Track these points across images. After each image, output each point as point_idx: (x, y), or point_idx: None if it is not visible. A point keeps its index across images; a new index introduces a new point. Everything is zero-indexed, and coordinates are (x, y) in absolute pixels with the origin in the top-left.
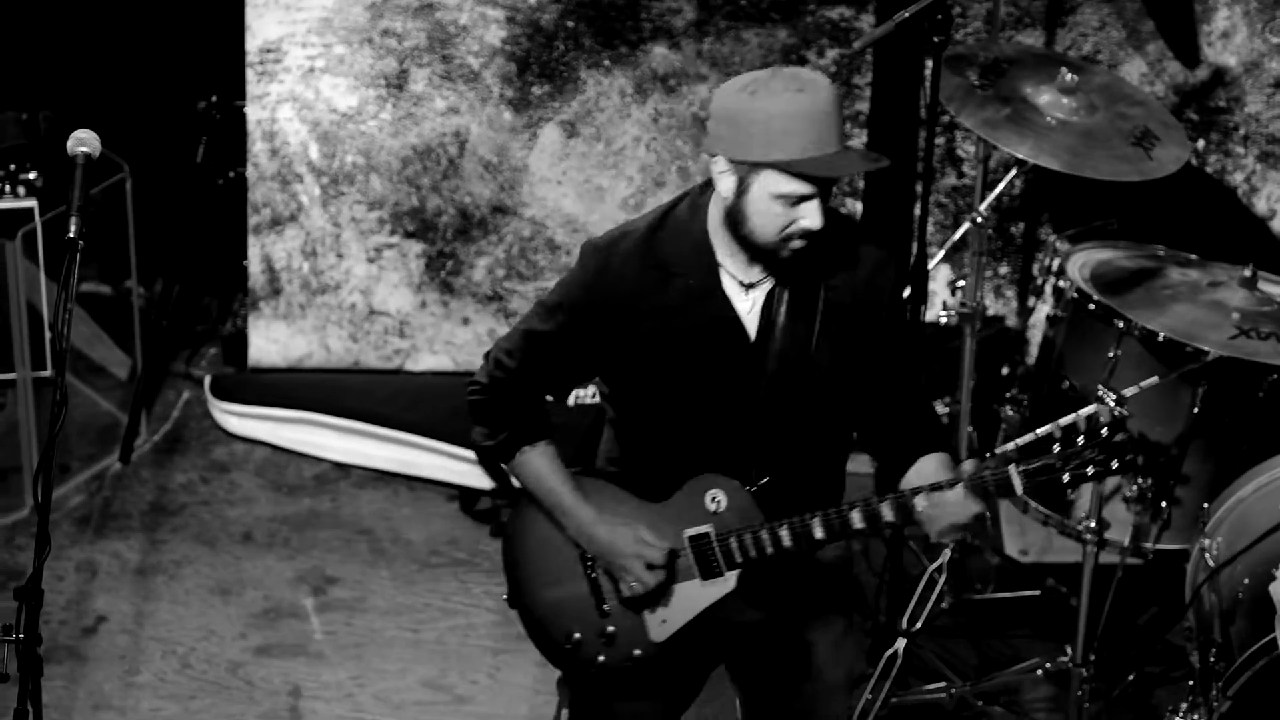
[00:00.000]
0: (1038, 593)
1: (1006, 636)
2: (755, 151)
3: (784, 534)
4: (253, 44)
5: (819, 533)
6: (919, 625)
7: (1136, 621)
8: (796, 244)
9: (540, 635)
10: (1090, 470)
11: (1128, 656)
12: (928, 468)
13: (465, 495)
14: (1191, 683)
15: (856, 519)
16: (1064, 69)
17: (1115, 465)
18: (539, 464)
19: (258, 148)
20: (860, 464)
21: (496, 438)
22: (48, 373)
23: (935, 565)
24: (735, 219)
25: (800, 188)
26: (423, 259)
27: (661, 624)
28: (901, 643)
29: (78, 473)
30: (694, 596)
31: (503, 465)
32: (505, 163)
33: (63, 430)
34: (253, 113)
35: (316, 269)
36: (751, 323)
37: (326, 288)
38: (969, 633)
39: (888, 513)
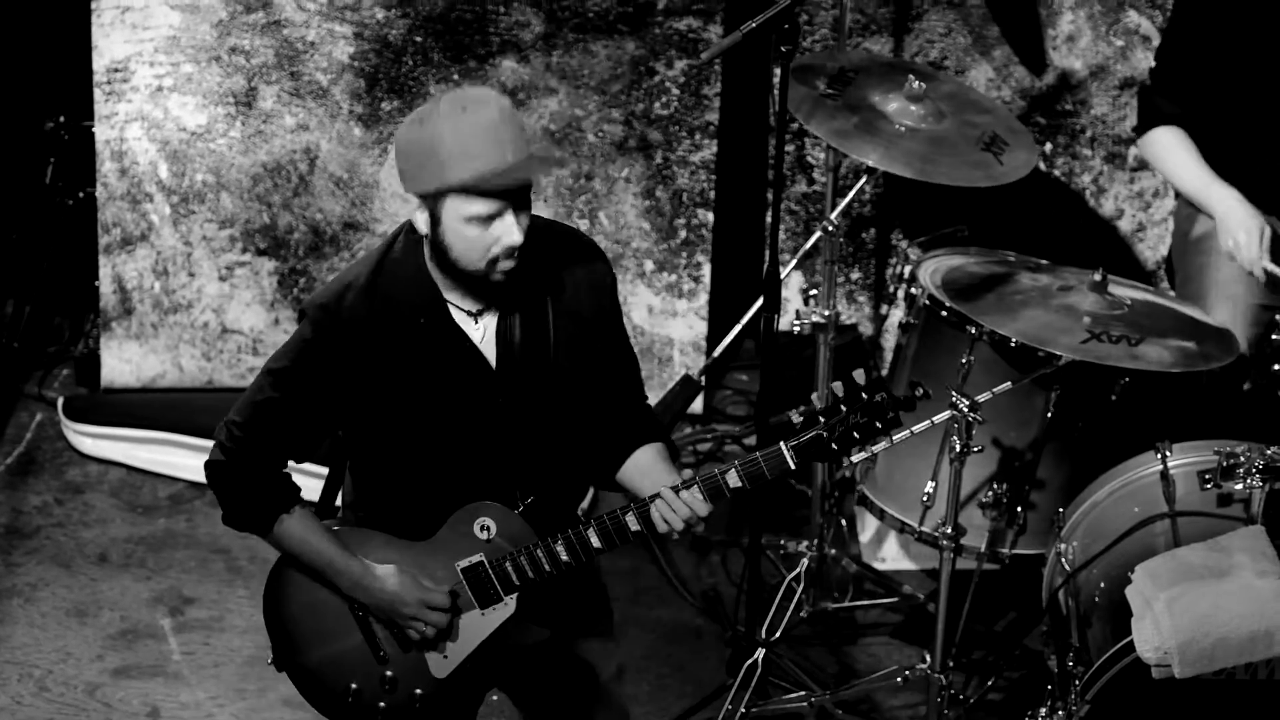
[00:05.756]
0: (895, 600)
1: (865, 644)
2: (434, 180)
3: (560, 549)
4: (100, 63)
5: (596, 541)
6: (778, 634)
7: (994, 627)
8: (505, 264)
9: (317, 693)
10: (856, 434)
11: (986, 662)
12: (644, 458)
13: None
14: (1050, 687)
15: (632, 523)
16: (911, 76)
17: (879, 425)
18: (299, 529)
19: (107, 167)
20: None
21: (248, 516)
22: None
23: (793, 574)
24: (439, 252)
25: (486, 206)
26: (275, 276)
27: (443, 659)
28: (760, 652)
29: None
30: (475, 626)
31: (264, 539)
32: (356, 179)
33: None
34: (101, 132)
35: (168, 288)
36: (489, 349)
37: (179, 307)
38: (828, 641)
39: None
